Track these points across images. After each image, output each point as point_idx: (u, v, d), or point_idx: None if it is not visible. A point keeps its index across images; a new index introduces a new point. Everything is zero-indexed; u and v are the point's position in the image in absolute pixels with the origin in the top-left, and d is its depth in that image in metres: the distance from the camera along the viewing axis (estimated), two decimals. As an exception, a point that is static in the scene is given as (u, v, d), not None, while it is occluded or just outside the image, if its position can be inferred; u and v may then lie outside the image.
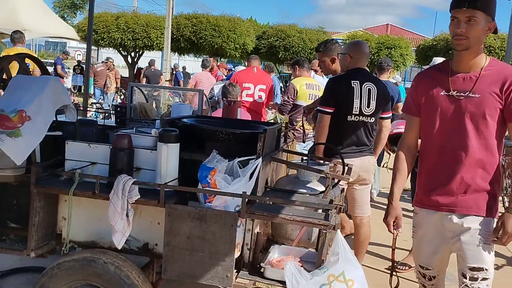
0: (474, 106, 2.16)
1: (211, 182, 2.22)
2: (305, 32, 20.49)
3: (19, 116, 2.28)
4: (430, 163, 2.32)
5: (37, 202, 2.30)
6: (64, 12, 35.67)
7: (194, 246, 2.20)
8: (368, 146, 3.60)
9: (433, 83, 2.28)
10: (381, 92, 3.55)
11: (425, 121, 2.33)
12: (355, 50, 3.61)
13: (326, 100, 3.53)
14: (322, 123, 3.47)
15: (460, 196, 2.23)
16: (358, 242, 3.74)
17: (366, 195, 3.74)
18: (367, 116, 3.50)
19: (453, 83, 2.22)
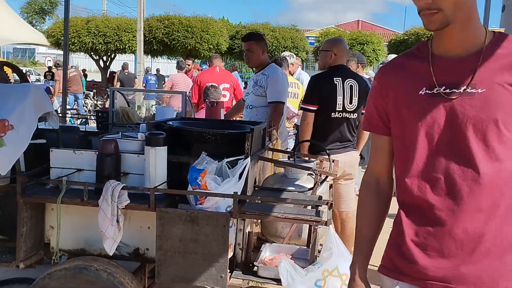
0: (477, 109, 1.31)
1: (202, 183, 2.22)
2: (278, 31, 20.58)
3: (1, 126, 2.23)
4: (410, 205, 1.42)
5: (24, 212, 2.26)
6: (33, 18, 34.95)
7: (187, 248, 2.19)
8: (352, 141, 3.67)
9: (405, 78, 1.43)
10: (362, 88, 3.61)
11: (398, 139, 1.45)
12: (338, 47, 3.67)
13: (309, 97, 3.59)
14: (306, 120, 3.52)
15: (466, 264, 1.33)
16: (345, 237, 3.78)
17: (351, 190, 3.79)
18: (349, 112, 3.56)
19: (438, 73, 1.37)
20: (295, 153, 2.94)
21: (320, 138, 3.45)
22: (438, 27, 1.34)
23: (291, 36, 20.62)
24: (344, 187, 3.73)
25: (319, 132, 3.54)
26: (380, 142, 1.52)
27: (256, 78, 4.02)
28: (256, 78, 4.02)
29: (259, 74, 4.01)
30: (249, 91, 4.13)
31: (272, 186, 2.70)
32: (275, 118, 3.74)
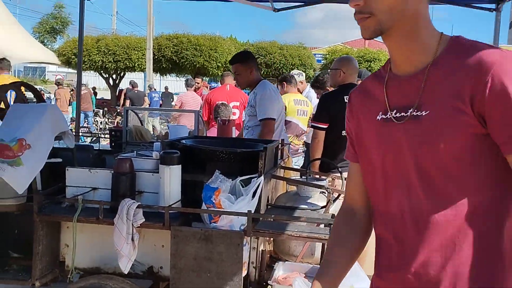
0: (421, 136, 1.11)
1: (216, 202, 2.24)
2: (286, 49, 20.77)
3: (19, 145, 2.27)
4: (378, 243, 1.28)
5: (40, 231, 2.29)
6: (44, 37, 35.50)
7: (201, 267, 2.20)
8: None
9: (368, 101, 1.26)
10: None
11: (362, 168, 1.31)
12: (347, 65, 3.71)
13: (319, 116, 3.62)
14: (317, 138, 3.54)
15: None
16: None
17: None
18: None
19: (390, 95, 1.19)
20: (307, 171, 2.96)
21: (330, 156, 3.47)
22: (371, 35, 1.14)
23: (298, 54, 20.79)
24: None
25: (329, 150, 3.56)
26: (352, 169, 1.36)
27: (250, 98, 3.97)
28: (250, 98, 3.97)
29: (251, 93, 3.94)
30: (245, 112, 4.07)
31: (285, 204, 2.71)
32: (265, 135, 3.65)
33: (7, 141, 2.27)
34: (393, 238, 1.19)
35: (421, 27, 1.13)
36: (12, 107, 2.45)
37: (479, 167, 1.07)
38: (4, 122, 2.40)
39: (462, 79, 1.05)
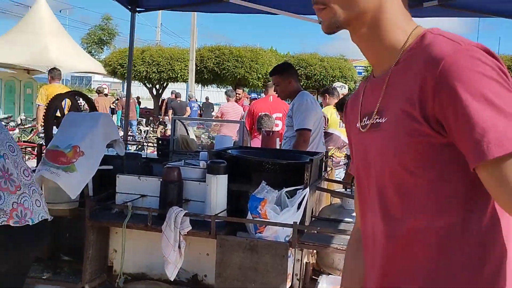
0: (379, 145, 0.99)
1: (262, 212, 2.25)
2: (327, 60, 20.68)
3: (73, 152, 2.35)
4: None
5: (91, 235, 2.36)
6: (92, 48, 36.80)
7: (246, 277, 2.21)
8: None
9: (354, 108, 1.15)
10: None
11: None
12: None
13: None
14: None
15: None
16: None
17: None
18: None
19: (364, 100, 1.09)
20: (351, 184, 2.92)
21: None
22: (328, 28, 1.02)
23: (339, 66, 20.68)
24: None
25: None
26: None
27: (289, 108, 4.02)
28: (289, 108, 4.02)
29: (291, 104, 3.99)
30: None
31: (329, 216, 2.69)
32: (299, 145, 3.63)
33: (62, 147, 2.36)
34: (368, 259, 1.09)
35: (386, 22, 0.98)
36: (67, 115, 2.55)
37: (441, 183, 0.90)
38: (59, 129, 2.50)
39: (412, 80, 0.90)
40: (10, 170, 1.98)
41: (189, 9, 4.99)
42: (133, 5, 4.21)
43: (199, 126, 9.82)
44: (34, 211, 2.00)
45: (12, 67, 13.68)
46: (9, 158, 1.99)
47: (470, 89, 0.81)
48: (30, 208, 1.99)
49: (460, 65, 0.83)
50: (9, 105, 13.42)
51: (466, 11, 3.85)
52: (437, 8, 3.71)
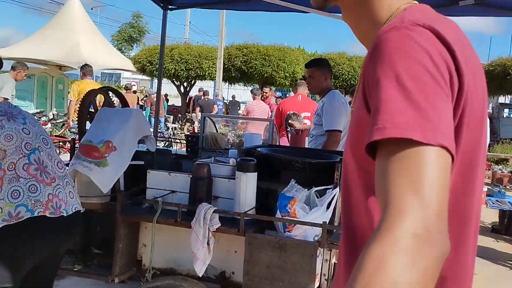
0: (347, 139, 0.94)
1: (291, 211, 2.24)
2: (355, 60, 20.47)
3: (106, 147, 2.39)
4: None
5: (121, 230, 2.39)
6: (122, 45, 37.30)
7: (274, 275, 2.20)
8: None
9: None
10: None
11: None
12: None
13: None
14: None
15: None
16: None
17: None
18: None
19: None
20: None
21: None
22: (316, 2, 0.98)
23: (368, 65, 20.41)
24: None
25: None
26: None
27: (318, 106, 3.95)
28: (318, 106, 3.95)
29: (320, 102, 3.92)
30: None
31: (359, 217, 2.66)
32: (330, 146, 3.58)
33: (95, 142, 2.40)
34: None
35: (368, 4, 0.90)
36: (100, 110, 2.59)
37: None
38: (93, 124, 2.54)
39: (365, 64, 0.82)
40: (45, 162, 2.02)
41: (220, 6, 5.01)
42: (165, 3, 4.25)
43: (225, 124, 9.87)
44: (68, 203, 2.05)
45: (44, 63, 14.00)
46: (43, 151, 2.04)
47: (389, 68, 0.72)
48: (64, 199, 2.04)
49: (388, 43, 0.74)
50: (41, 100, 13.73)
51: (503, 11, 3.75)
52: (473, 7, 3.63)
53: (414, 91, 0.70)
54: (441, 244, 0.64)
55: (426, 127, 0.68)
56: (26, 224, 1.87)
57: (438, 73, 0.72)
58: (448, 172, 0.69)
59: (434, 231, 0.64)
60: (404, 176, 0.67)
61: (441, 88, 0.71)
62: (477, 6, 3.60)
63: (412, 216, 0.64)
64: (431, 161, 0.67)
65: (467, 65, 0.77)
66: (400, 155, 0.68)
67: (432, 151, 0.68)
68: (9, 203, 1.88)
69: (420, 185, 0.66)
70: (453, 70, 0.74)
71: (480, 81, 0.85)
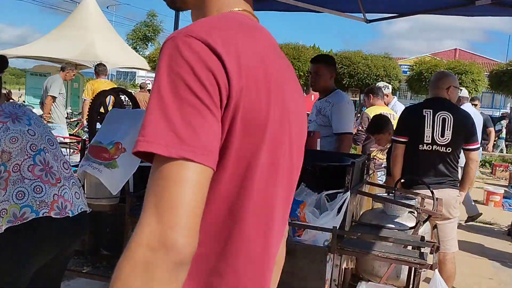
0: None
1: (301, 215, 2.21)
2: (370, 59, 20.30)
3: (115, 148, 2.38)
4: None
5: (130, 231, 2.37)
6: (137, 44, 37.50)
7: (283, 280, 2.15)
8: (450, 177, 3.46)
9: None
10: (460, 121, 3.42)
11: None
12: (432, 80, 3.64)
13: (398, 129, 3.53)
14: (395, 152, 3.45)
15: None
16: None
17: (450, 231, 3.57)
18: (441, 146, 3.39)
19: None
20: (395, 189, 2.84)
21: (410, 172, 3.35)
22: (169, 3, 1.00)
23: (383, 65, 20.26)
24: (441, 227, 3.52)
25: (409, 165, 3.43)
26: None
27: (320, 105, 3.77)
28: (320, 105, 3.77)
29: (323, 101, 3.75)
30: (311, 119, 3.82)
31: (370, 222, 2.62)
32: (345, 149, 3.53)
33: (105, 143, 2.39)
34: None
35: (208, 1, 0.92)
36: (110, 111, 2.59)
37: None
38: (103, 125, 2.54)
39: None
40: (50, 163, 2.02)
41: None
42: (178, 3, 4.23)
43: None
44: (74, 203, 2.04)
45: (59, 61, 14.13)
46: (49, 152, 2.03)
47: (156, 80, 0.76)
48: (70, 200, 2.03)
49: (161, 54, 0.77)
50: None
51: (521, 10, 3.66)
52: (489, 7, 3.55)
53: (170, 105, 0.73)
54: (176, 253, 0.70)
55: (173, 141, 0.71)
56: (32, 225, 1.87)
57: (199, 86, 0.74)
58: (195, 184, 0.72)
59: (167, 242, 0.69)
60: (152, 190, 0.72)
61: (200, 100, 0.74)
62: (494, 6, 3.52)
63: (147, 229, 0.71)
64: (175, 175, 0.71)
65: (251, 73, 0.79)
66: (155, 168, 0.73)
67: (178, 165, 0.71)
68: (14, 204, 1.88)
69: (160, 199, 0.71)
70: (222, 81, 0.75)
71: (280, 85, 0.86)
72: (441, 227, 3.54)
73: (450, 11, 3.88)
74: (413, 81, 20.36)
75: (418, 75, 20.25)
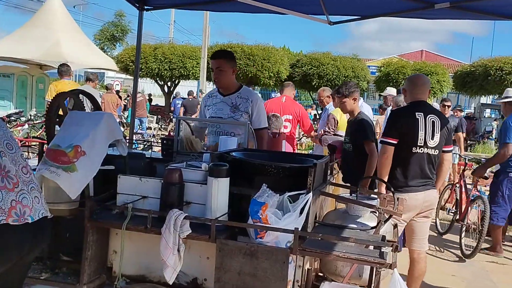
0: None
1: (263, 217, 2.20)
2: (339, 60, 20.56)
3: (74, 151, 2.33)
4: None
5: (90, 236, 2.33)
6: (104, 44, 36.88)
7: (245, 282, 2.17)
8: (431, 179, 3.56)
9: None
10: (444, 124, 3.55)
11: None
12: (407, 84, 3.70)
13: (389, 131, 3.56)
14: (386, 154, 3.48)
15: None
16: (413, 278, 3.64)
17: (426, 229, 3.67)
18: (431, 148, 3.49)
19: None
20: (357, 189, 2.87)
21: (400, 174, 3.44)
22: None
23: (352, 66, 20.55)
24: (419, 225, 3.62)
25: (399, 167, 3.49)
26: None
27: (235, 101, 3.72)
28: (235, 101, 3.72)
29: (234, 97, 3.73)
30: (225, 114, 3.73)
31: (333, 222, 2.64)
32: (264, 144, 3.56)
33: (63, 147, 2.34)
34: None
35: None
36: (69, 114, 2.53)
37: None
38: (61, 128, 2.48)
39: None
40: (7, 167, 1.96)
41: (197, 7, 4.96)
42: (141, 3, 4.19)
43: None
44: (33, 208, 1.98)
45: (24, 62, 13.78)
46: (6, 156, 1.97)
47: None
48: (29, 205, 1.97)
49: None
50: (21, 100, 13.53)
51: (478, 14, 3.77)
52: (448, 10, 3.64)
53: None
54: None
55: None
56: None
57: None
58: None
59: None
60: None
61: None
62: (453, 9, 3.61)
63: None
64: None
65: None
66: None
67: None
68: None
69: None
70: None
71: None
72: (419, 225, 3.64)
73: (411, 14, 3.97)
74: (381, 81, 20.71)
75: (385, 76, 20.62)
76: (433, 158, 3.53)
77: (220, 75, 3.72)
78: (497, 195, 5.63)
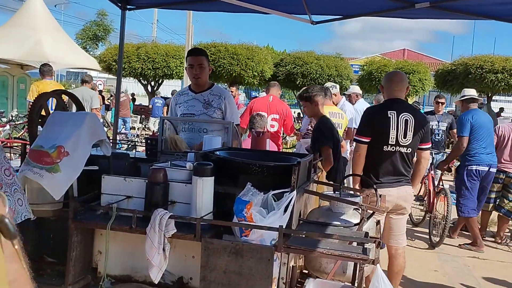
0: None
1: (247, 215, 2.22)
2: (323, 59, 20.65)
3: (57, 152, 2.32)
4: None
5: (74, 237, 2.32)
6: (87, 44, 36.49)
7: (231, 281, 2.18)
8: (406, 176, 3.61)
9: None
10: (419, 122, 3.57)
11: None
12: (384, 81, 3.70)
13: (362, 129, 3.60)
14: (358, 152, 3.53)
15: None
16: (392, 274, 3.69)
17: (403, 225, 3.72)
18: (403, 147, 3.53)
19: None
20: (340, 187, 2.91)
21: (373, 171, 3.46)
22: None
23: (335, 64, 20.65)
24: (395, 222, 3.67)
25: (371, 164, 3.53)
26: None
27: (207, 98, 3.77)
28: (207, 98, 3.77)
29: (207, 94, 3.77)
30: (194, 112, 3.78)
31: (317, 219, 2.67)
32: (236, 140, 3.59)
33: (46, 147, 2.32)
34: None
35: None
36: (52, 114, 2.52)
37: None
38: (44, 129, 2.46)
39: None
40: (-10, 170, 1.94)
41: (180, 7, 4.95)
42: (123, 3, 4.17)
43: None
44: (16, 211, 1.97)
45: (5, 62, 13.58)
46: None
47: None
48: (12, 207, 1.96)
49: None
50: (2, 100, 13.33)
51: (458, 13, 3.84)
52: (428, 10, 3.70)
53: None
54: None
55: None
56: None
57: None
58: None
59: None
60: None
61: None
62: (433, 9, 3.67)
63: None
64: None
65: None
66: None
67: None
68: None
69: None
70: None
71: None
72: (396, 222, 3.69)
73: (392, 13, 4.02)
74: (364, 80, 20.87)
75: (368, 74, 20.77)
76: (406, 156, 3.57)
77: (201, 72, 3.75)
78: (462, 189, 5.98)
